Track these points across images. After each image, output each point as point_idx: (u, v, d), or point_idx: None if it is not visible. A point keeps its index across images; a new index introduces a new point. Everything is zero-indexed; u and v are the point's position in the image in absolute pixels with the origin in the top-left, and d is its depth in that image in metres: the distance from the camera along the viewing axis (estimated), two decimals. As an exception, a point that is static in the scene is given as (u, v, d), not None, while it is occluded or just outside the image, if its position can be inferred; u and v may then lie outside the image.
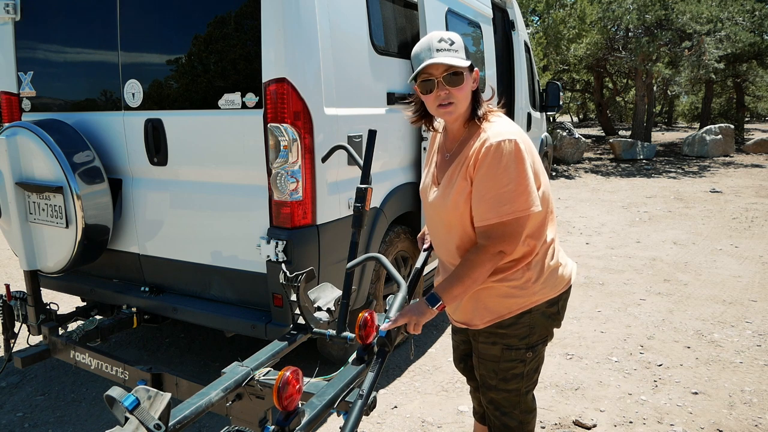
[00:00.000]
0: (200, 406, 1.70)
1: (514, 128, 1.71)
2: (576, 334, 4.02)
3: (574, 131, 15.80)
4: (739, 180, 11.77)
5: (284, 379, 1.50)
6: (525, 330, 1.84)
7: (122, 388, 1.38)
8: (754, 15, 15.20)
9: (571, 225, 7.77)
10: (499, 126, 1.71)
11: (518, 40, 5.71)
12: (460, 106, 1.73)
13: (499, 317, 1.83)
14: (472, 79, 1.73)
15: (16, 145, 2.92)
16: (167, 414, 1.41)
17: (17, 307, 2.96)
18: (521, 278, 1.79)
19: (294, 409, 1.56)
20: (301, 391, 1.61)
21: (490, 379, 1.94)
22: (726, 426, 2.88)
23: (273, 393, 1.51)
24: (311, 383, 1.93)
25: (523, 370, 1.90)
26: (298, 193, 2.63)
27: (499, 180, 1.64)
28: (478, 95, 1.77)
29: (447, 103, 1.72)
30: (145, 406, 1.38)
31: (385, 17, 3.33)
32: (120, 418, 1.37)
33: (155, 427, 1.36)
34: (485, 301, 1.84)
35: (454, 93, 1.70)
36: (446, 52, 1.67)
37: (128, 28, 2.94)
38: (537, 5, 15.71)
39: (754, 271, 5.46)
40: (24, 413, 3.07)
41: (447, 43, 1.69)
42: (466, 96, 1.72)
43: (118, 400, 1.34)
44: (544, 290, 1.83)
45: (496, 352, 1.88)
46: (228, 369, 1.94)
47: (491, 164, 1.64)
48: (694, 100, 28.32)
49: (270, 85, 2.56)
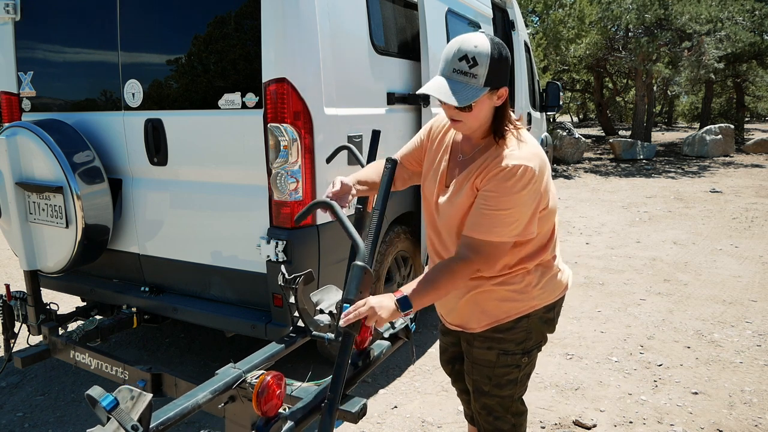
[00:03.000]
0: (186, 407, 1.67)
1: (536, 151, 1.63)
2: (576, 334, 4.02)
3: (574, 131, 15.80)
4: (739, 180, 11.77)
5: (264, 384, 1.47)
6: (522, 335, 1.81)
7: (102, 388, 1.37)
8: (754, 15, 15.20)
9: (571, 225, 7.77)
10: (522, 150, 1.62)
11: (518, 40, 5.71)
12: (471, 125, 1.64)
13: (497, 321, 1.79)
14: (494, 98, 1.61)
15: (16, 145, 2.92)
16: (148, 415, 1.39)
17: (17, 307, 2.96)
18: (521, 282, 1.76)
19: (275, 415, 1.53)
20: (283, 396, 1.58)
21: (484, 385, 1.90)
22: (726, 426, 2.88)
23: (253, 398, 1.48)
24: (301, 388, 1.90)
25: (518, 375, 1.87)
26: (298, 193, 2.63)
27: (502, 202, 1.58)
28: (504, 111, 1.64)
29: (457, 120, 1.64)
30: (126, 407, 1.36)
31: (385, 17, 3.33)
32: (102, 418, 1.36)
33: (133, 428, 1.34)
34: (483, 305, 1.80)
35: (464, 116, 1.61)
36: (460, 77, 1.55)
37: (128, 28, 2.94)
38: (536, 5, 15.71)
39: (754, 271, 5.46)
40: (24, 413, 3.07)
41: (467, 64, 1.54)
42: (478, 117, 1.62)
43: (98, 400, 1.33)
44: (543, 295, 1.80)
45: (492, 357, 1.84)
46: (221, 371, 1.92)
47: (500, 185, 1.58)
48: (694, 100, 28.31)
49: (270, 85, 2.56)
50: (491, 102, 1.61)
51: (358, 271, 1.59)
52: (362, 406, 1.79)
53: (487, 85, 1.55)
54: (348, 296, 1.58)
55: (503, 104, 1.64)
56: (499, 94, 1.61)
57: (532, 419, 2.94)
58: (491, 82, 1.56)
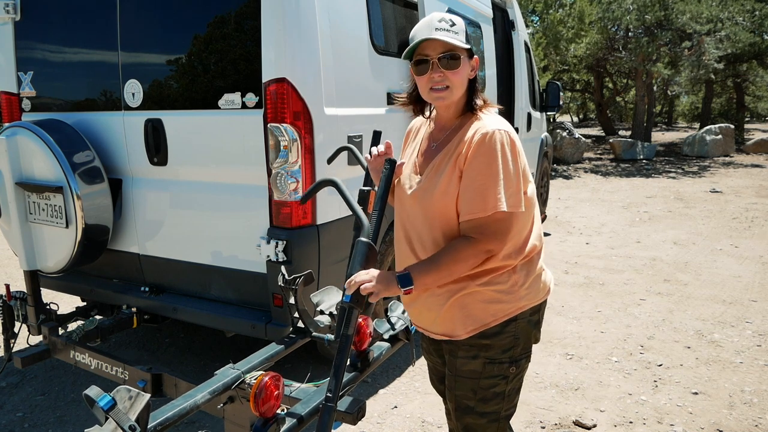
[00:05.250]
0: (184, 408, 1.67)
1: (508, 124, 1.64)
2: (576, 334, 4.02)
3: (574, 131, 15.80)
4: (739, 180, 11.77)
5: (262, 384, 1.47)
6: (509, 340, 1.69)
7: (99, 388, 1.36)
8: (754, 15, 15.19)
9: (571, 225, 7.77)
10: (494, 118, 1.63)
11: (518, 40, 5.71)
12: (455, 92, 1.62)
13: (483, 326, 1.67)
14: (470, 65, 1.63)
15: (16, 145, 2.92)
16: (146, 415, 1.39)
17: (17, 307, 2.96)
18: (507, 282, 1.66)
19: (272, 416, 1.52)
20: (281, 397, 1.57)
21: (468, 400, 1.74)
22: (726, 426, 2.88)
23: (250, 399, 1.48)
24: (300, 389, 1.89)
25: (505, 388, 1.73)
26: (299, 193, 2.63)
27: (496, 169, 1.54)
28: (476, 85, 1.67)
29: (440, 88, 1.60)
30: (124, 407, 1.36)
31: (385, 17, 3.33)
32: (100, 418, 1.36)
33: (130, 428, 1.34)
34: (469, 309, 1.67)
35: (450, 77, 1.59)
36: (445, 32, 1.57)
37: (128, 28, 2.94)
38: (536, 5, 15.71)
39: (754, 271, 5.46)
40: (24, 413, 3.07)
41: (447, 23, 1.58)
42: (462, 82, 1.61)
43: (95, 400, 1.33)
44: (530, 295, 1.71)
45: (477, 366, 1.70)
46: (220, 371, 1.91)
47: (488, 152, 1.54)
48: (694, 100, 28.32)
49: (270, 85, 2.56)
50: (468, 69, 1.63)
51: (362, 247, 1.55)
52: (360, 407, 1.78)
53: (467, 44, 1.61)
54: (351, 272, 1.54)
55: (475, 78, 1.67)
56: (473, 64, 1.65)
57: (532, 419, 2.94)
58: (469, 45, 1.61)
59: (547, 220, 7.87)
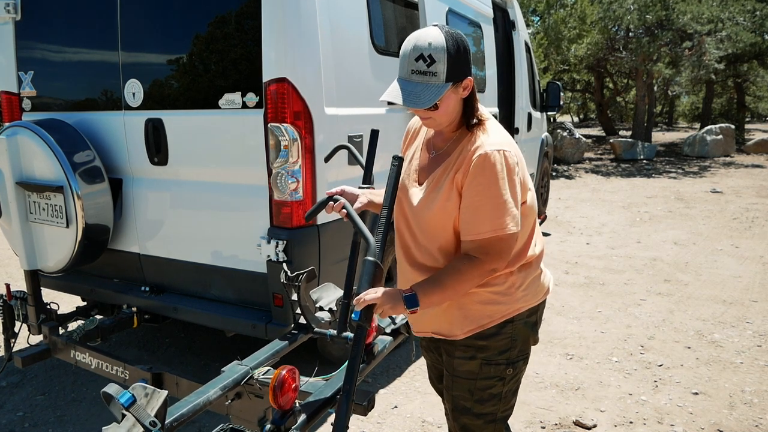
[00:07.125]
0: (198, 404, 1.70)
1: (507, 139, 1.62)
2: (576, 334, 4.02)
3: (574, 131, 15.81)
4: (740, 180, 11.77)
5: (280, 378, 1.50)
6: (506, 342, 1.70)
7: (119, 385, 1.37)
8: (754, 15, 15.19)
9: (572, 225, 7.77)
10: (493, 134, 1.61)
11: (519, 40, 5.71)
12: (443, 121, 1.62)
13: (480, 327, 1.68)
14: (459, 91, 1.58)
15: (16, 144, 2.92)
16: (164, 411, 1.41)
17: (17, 307, 2.96)
18: (504, 283, 1.68)
19: (290, 408, 1.56)
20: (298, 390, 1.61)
21: (465, 401, 1.75)
22: (726, 426, 2.88)
23: (269, 392, 1.51)
24: (309, 383, 1.92)
25: (502, 390, 1.74)
26: (299, 192, 2.63)
27: (495, 192, 1.54)
28: (472, 101, 1.62)
29: (427, 117, 1.62)
30: (142, 404, 1.38)
31: (386, 17, 3.33)
32: (117, 415, 1.37)
33: (151, 424, 1.36)
34: (466, 309, 1.69)
35: (433, 114, 1.59)
36: (420, 77, 1.51)
37: (129, 28, 2.94)
38: (537, 5, 15.72)
39: (755, 272, 5.46)
40: (24, 413, 3.07)
41: (425, 63, 1.50)
42: (448, 111, 1.60)
43: (115, 397, 1.34)
44: (527, 297, 1.72)
45: (473, 367, 1.71)
46: (227, 368, 1.94)
47: (486, 174, 1.54)
48: (695, 100, 28.31)
49: (270, 85, 2.56)
50: (457, 95, 1.58)
51: (369, 267, 1.57)
52: (370, 399, 1.82)
53: (449, 80, 1.52)
54: (360, 290, 1.57)
55: (471, 94, 1.61)
56: (464, 86, 1.58)
57: (532, 419, 2.95)
58: (452, 76, 1.53)
59: (547, 220, 7.88)
